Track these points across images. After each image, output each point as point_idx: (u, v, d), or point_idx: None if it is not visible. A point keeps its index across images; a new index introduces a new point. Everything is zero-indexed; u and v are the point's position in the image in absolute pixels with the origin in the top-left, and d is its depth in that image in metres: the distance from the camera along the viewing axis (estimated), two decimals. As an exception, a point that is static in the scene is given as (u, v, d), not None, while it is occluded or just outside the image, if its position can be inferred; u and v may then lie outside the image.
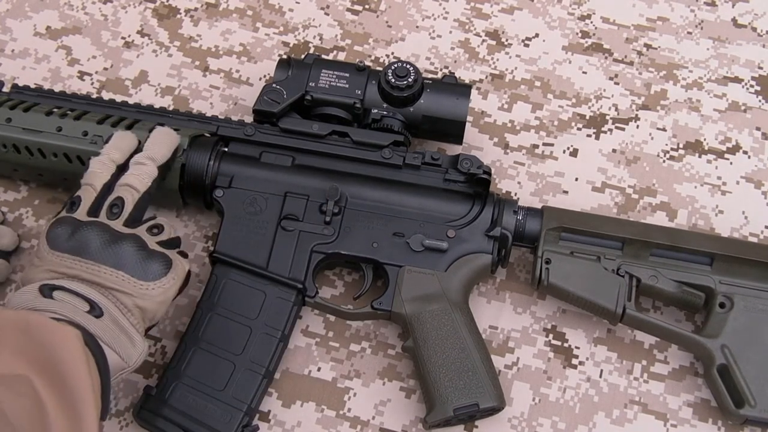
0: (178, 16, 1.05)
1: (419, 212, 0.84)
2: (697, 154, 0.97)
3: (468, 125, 0.93)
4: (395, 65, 0.85)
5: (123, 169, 0.76)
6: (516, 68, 1.02)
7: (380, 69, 0.87)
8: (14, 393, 0.57)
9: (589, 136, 0.98)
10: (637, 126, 0.99)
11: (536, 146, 0.97)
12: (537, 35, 1.05)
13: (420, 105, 0.86)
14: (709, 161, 0.97)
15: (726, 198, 0.95)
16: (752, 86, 1.01)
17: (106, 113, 0.86)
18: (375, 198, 0.84)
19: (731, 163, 0.97)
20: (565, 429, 0.82)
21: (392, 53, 1.03)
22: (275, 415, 0.82)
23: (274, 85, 0.86)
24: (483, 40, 1.04)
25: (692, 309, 0.85)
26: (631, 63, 1.03)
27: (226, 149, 0.86)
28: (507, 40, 1.04)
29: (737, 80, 1.02)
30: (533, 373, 0.85)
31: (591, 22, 1.06)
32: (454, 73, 0.93)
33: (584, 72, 1.02)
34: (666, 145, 0.98)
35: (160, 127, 0.82)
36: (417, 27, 1.05)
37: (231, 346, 0.79)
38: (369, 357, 0.85)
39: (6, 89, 0.90)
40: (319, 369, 0.85)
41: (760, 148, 0.98)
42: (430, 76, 0.90)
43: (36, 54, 1.01)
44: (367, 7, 1.06)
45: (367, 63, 1.00)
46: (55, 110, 0.85)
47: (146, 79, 1.00)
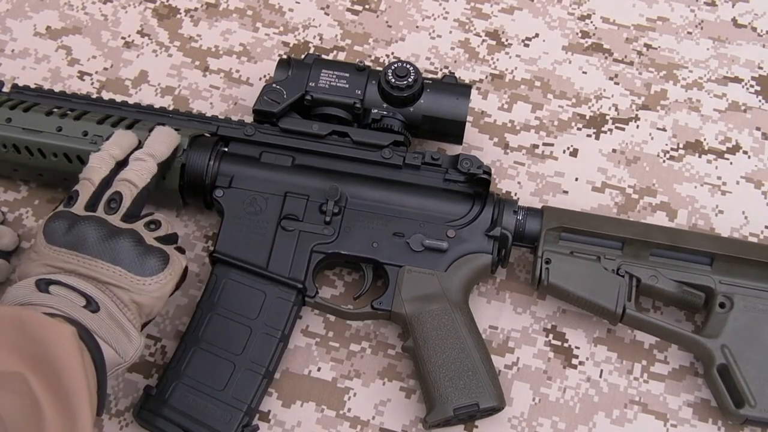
0: (178, 16, 1.05)
1: (419, 212, 0.84)
2: (697, 154, 0.97)
3: (468, 125, 0.93)
4: (395, 65, 0.85)
5: (122, 166, 0.76)
6: (516, 68, 1.02)
7: (380, 69, 0.87)
8: (8, 390, 0.57)
9: (589, 136, 0.98)
10: (637, 126, 0.99)
11: (536, 146, 0.97)
12: (537, 35, 1.05)
13: (420, 105, 0.86)
14: (709, 161, 0.97)
15: (726, 198, 0.95)
16: (752, 86, 1.01)
17: (106, 113, 0.86)
18: (375, 198, 0.84)
19: (731, 163, 0.97)
20: (565, 429, 0.82)
21: (392, 53, 1.03)
22: (275, 415, 0.82)
23: (274, 85, 0.86)
24: (483, 40, 1.04)
25: (692, 309, 0.85)
26: (631, 63, 1.03)
27: (226, 149, 0.86)
28: (507, 40, 1.04)
29: (737, 80, 1.02)
30: (533, 373, 0.85)
31: (591, 22, 1.06)
32: (454, 73, 0.92)
33: (584, 72, 1.02)
34: (666, 145, 0.98)
35: (161, 126, 0.82)
36: (417, 27, 1.05)
37: (231, 346, 0.79)
38: (369, 357, 0.85)
39: (6, 89, 0.90)
40: (319, 369, 0.85)
41: (760, 148, 0.98)
42: (430, 76, 0.90)
43: (36, 54, 1.01)
44: (367, 7, 1.06)
45: (367, 63, 1.00)
46: (55, 110, 0.85)
47: (146, 79, 1.00)
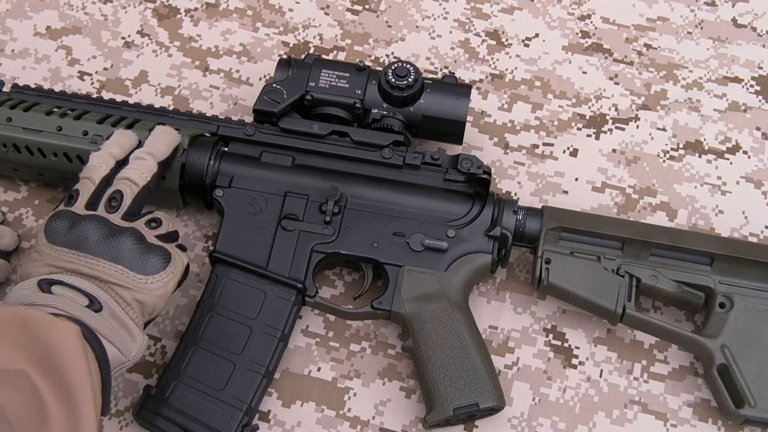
0: (178, 16, 1.05)
1: (419, 212, 0.84)
2: (697, 154, 0.97)
3: (468, 125, 0.93)
4: (395, 65, 0.85)
5: (122, 165, 0.76)
6: (516, 68, 1.02)
7: (380, 69, 0.87)
8: (12, 388, 0.57)
9: (589, 136, 0.98)
10: (637, 126, 0.99)
11: (536, 146, 0.97)
12: (537, 35, 1.05)
13: (420, 105, 0.86)
14: (709, 161, 0.97)
15: (726, 198, 0.95)
16: (752, 86, 1.01)
17: (106, 113, 0.86)
18: (375, 198, 0.84)
19: (731, 163, 0.97)
20: (565, 429, 0.82)
21: (392, 53, 1.03)
22: (275, 415, 0.82)
23: (275, 85, 0.86)
24: (483, 40, 1.04)
25: (692, 309, 0.85)
26: (631, 63, 1.03)
27: (226, 149, 0.86)
28: (507, 40, 1.04)
29: (737, 80, 1.02)
30: (533, 373, 0.85)
31: (591, 22, 1.06)
32: (454, 73, 0.93)
33: (584, 72, 1.02)
34: (666, 145, 0.98)
35: (161, 126, 0.82)
36: (417, 27, 1.05)
37: (231, 346, 0.79)
38: (369, 357, 0.85)
39: (6, 89, 0.90)
40: (319, 369, 0.85)
41: (760, 148, 0.98)
42: (430, 76, 0.90)
43: (36, 54, 1.01)
44: (367, 7, 1.06)
45: (367, 63, 1.00)
46: (55, 110, 0.85)
47: (146, 79, 1.00)
